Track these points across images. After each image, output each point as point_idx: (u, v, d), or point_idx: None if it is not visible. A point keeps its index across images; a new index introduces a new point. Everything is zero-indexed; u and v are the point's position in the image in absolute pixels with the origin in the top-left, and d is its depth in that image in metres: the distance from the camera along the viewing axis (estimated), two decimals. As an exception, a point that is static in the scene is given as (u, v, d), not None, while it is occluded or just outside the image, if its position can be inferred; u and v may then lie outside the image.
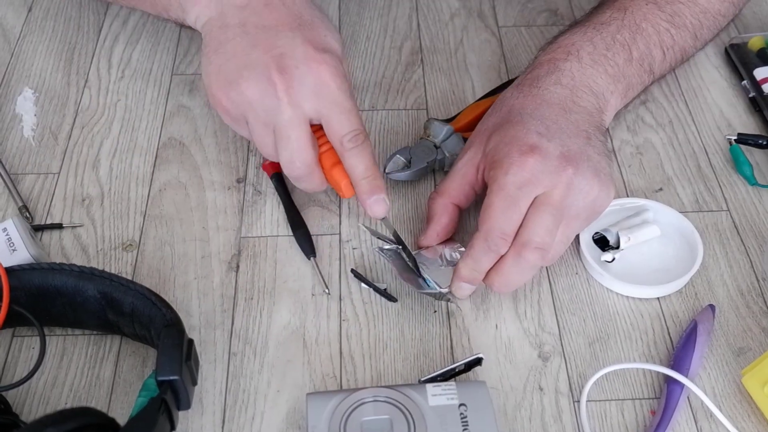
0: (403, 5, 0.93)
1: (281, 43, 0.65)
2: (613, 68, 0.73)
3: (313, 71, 0.64)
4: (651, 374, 0.64)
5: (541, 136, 0.65)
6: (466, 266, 0.65)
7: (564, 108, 0.68)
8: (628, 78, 0.74)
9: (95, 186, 0.76)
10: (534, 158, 0.63)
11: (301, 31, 0.66)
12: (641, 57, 0.75)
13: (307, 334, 0.66)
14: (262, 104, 0.65)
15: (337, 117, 0.65)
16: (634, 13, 0.75)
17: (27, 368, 0.63)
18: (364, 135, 0.66)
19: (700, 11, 0.79)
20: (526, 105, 0.69)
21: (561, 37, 0.75)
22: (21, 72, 0.86)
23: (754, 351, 0.65)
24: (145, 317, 0.61)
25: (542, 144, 0.64)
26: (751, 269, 0.70)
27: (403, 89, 0.85)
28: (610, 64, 0.72)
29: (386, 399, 0.58)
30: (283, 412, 0.62)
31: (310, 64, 0.64)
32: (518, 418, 0.61)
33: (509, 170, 0.63)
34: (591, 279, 0.70)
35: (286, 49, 0.65)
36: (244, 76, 0.65)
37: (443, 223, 0.69)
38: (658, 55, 0.76)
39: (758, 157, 0.78)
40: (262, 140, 0.67)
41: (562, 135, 0.66)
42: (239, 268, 0.70)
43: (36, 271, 0.62)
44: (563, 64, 0.71)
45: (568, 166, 0.64)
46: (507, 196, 0.63)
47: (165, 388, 0.56)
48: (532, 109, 0.68)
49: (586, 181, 0.64)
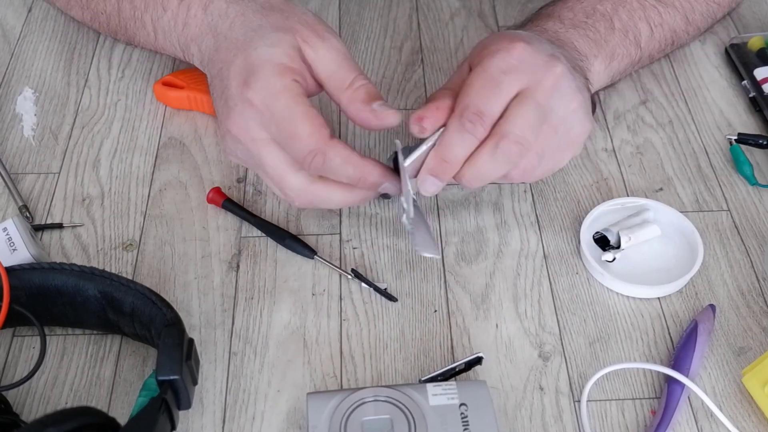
0: (403, 5, 0.93)
1: (223, 84, 0.64)
2: (594, 34, 0.72)
3: (245, 107, 0.62)
4: (651, 374, 0.64)
5: (531, 37, 0.64)
6: (437, 155, 0.61)
7: (552, 44, 0.68)
8: (612, 46, 0.73)
9: (95, 186, 0.76)
10: (523, 47, 0.62)
11: (234, 64, 0.63)
12: (624, 28, 0.74)
13: (307, 333, 0.66)
14: (236, 147, 0.64)
15: (285, 145, 0.62)
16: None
17: (27, 368, 0.63)
18: (321, 154, 0.60)
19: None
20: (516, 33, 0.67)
21: (541, 9, 0.75)
22: (21, 72, 0.86)
23: (755, 351, 0.65)
24: (146, 317, 0.61)
25: (533, 41, 0.63)
26: (752, 269, 0.70)
27: (404, 89, 0.85)
28: (590, 29, 0.72)
29: (387, 399, 0.58)
30: (283, 412, 0.62)
31: (242, 100, 0.62)
32: (519, 418, 0.61)
33: (496, 54, 0.61)
34: (591, 279, 0.70)
35: (226, 90, 0.64)
36: (221, 125, 0.65)
37: (444, 101, 0.63)
38: (645, 29, 0.76)
39: (758, 156, 0.78)
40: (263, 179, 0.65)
41: (554, 48, 0.65)
42: (239, 267, 0.70)
43: (36, 270, 0.62)
44: (545, 24, 0.71)
45: (558, 63, 0.62)
46: (489, 77, 0.61)
47: (165, 387, 0.56)
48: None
49: (570, 88, 0.62)
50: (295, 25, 0.63)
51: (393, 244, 0.72)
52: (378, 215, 0.74)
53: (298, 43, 0.62)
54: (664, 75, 0.86)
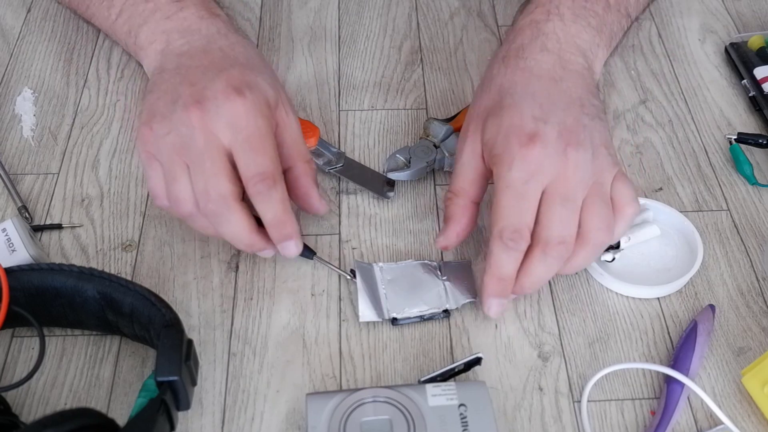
0: (402, 5, 0.93)
1: (206, 78, 0.65)
2: (595, 18, 0.72)
3: (229, 104, 0.63)
4: (651, 374, 0.64)
5: (536, 120, 0.64)
6: (492, 277, 0.63)
7: (553, 78, 0.68)
8: (610, 26, 0.74)
9: (95, 186, 0.76)
10: (535, 148, 0.62)
11: (229, 70, 0.65)
12: (617, 3, 0.75)
13: (306, 334, 0.66)
14: (178, 132, 0.63)
15: (246, 155, 0.62)
16: None
17: (26, 369, 0.63)
18: (272, 180, 0.62)
19: None
20: (516, 82, 0.68)
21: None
22: (20, 72, 0.85)
23: (754, 351, 0.65)
24: (145, 317, 0.61)
25: (540, 129, 0.63)
26: (751, 269, 0.70)
27: (403, 89, 0.84)
28: (591, 15, 0.72)
29: (386, 399, 0.58)
30: (282, 413, 0.62)
31: (228, 97, 0.63)
32: (518, 418, 0.61)
33: (512, 165, 0.62)
34: (591, 279, 0.70)
35: (208, 83, 0.64)
36: (168, 109, 0.64)
37: (463, 224, 0.67)
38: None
39: (758, 156, 0.78)
40: (172, 176, 0.63)
41: (557, 110, 0.65)
42: (239, 268, 0.70)
43: (35, 271, 0.62)
44: (545, 26, 0.71)
45: (568, 147, 0.63)
46: (515, 194, 0.62)
47: (164, 388, 0.56)
48: (523, 86, 0.67)
49: (585, 154, 0.63)
50: (280, 90, 0.68)
51: (392, 244, 0.72)
52: (377, 215, 0.74)
53: (279, 102, 0.66)
54: (663, 74, 0.86)
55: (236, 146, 0.62)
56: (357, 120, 0.81)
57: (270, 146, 0.63)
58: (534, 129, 0.63)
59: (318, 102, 0.83)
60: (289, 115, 0.67)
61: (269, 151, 0.63)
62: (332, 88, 0.84)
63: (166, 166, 0.63)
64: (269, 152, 0.63)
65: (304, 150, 0.67)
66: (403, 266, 0.69)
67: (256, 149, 0.62)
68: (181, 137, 0.63)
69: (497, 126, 0.65)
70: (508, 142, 0.64)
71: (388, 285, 0.67)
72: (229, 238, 0.64)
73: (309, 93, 0.83)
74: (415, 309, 0.66)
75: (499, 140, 0.64)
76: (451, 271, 0.68)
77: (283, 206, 0.63)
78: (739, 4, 0.93)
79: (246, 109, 0.63)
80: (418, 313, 0.66)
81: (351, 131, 0.81)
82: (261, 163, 0.62)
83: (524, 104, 0.65)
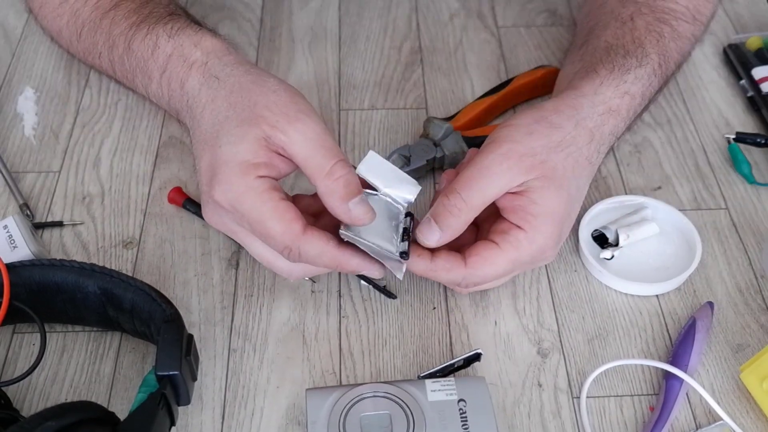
0: (402, 5, 0.93)
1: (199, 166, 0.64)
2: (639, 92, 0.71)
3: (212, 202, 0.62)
4: (650, 371, 0.64)
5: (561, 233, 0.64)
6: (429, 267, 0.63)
7: (590, 161, 0.66)
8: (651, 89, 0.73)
9: (96, 184, 0.76)
10: (549, 255, 0.64)
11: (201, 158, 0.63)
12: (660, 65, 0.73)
13: (306, 330, 0.66)
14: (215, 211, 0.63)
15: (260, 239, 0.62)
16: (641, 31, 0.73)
17: (27, 364, 0.64)
18: (288, 250, 0.60)
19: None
20: (570, 162, 0.64)
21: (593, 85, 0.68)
22: (22, 72, 0.86)
23: (753, 347, 0.65)
24: (145, 313, 0.61)
25: (560, 241, 0.64)
26: (750, 267, 0.71)
27: (403, 89, 0.85)
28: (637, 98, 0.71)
29: (385, 395, 0.58)
30: (282, 408, 0.62)
31: (213, 196, 0.62)
32: (517, 414, 0.62)
33: (535, 257, 0.63)
34: (590, 276, 0.70)
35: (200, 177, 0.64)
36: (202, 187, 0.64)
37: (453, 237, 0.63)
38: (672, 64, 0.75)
39: (756, 155, 0.78)
40: (242, 244, 0.65)
41: (576, 205, 0.66)
42: (239, 265, 0.70)
43: (36, 267, 0.62)
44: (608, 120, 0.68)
45: (554, 251, 0.65)
46: (510, 271, 0.64)
47: (165, 383, 0.56)
48: (572, 170, 0.64)
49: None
50: (263, 112, 0.61)
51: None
52: (377, 213, 0.74)
53: (263, 134, 0.60)
54: (662, 75, 0.86)
55: (252, 233, 0.62)
56: (357, 119, 0.82)
57: (270, 221, 0.59)
58: (556, 243, 0.64)
59: (318, 102, 0.83)
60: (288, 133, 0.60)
61: (271, 229, 0.59)
62: (332, 87, 0.85)
63: (231, 237, 0.65)
64: (272, 230, 0.59)
65: (319, 163, 0.60)
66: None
67: (262, 234, 0.60)
68: (225, 229, 0.64)
69: (544, 202, 0.62)
70: (544, 240, 0.63)
71: None
72: (324, 264, 0.61)
73: (309, 93, 0.84)
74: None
75: (540, 222, 0.62)
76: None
77: (325, 257, 0.60)
78: (737, 5, 0.93)
79: (227, 203, 0.60)
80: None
81: (351, 130, 0.81)
82: (273, 244, 0.60)
83: (565, 194, 0.64)
